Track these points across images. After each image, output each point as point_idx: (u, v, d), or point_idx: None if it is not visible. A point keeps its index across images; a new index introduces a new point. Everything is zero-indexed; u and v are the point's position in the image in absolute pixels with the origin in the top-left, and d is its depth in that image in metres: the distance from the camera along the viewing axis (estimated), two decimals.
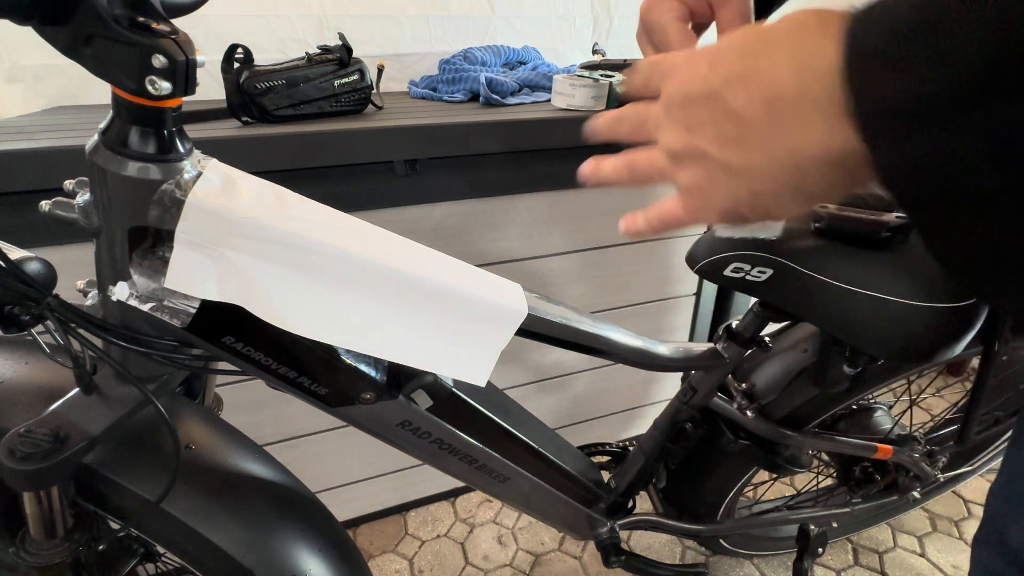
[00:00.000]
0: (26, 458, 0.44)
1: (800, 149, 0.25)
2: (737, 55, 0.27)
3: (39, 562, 0.50)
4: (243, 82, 0.91)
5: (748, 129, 0.26)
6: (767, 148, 0.26)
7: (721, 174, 0.28)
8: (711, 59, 0.28)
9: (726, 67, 0.27)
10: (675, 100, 0.30)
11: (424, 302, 0.47)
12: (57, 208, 0.42)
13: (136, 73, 0.36)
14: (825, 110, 0.23)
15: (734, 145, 0.27)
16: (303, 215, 0.44)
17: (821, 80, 0.23)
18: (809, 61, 0.24)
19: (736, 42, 0.28)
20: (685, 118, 0.29)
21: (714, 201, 0.30)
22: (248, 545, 0.54)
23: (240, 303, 0.41)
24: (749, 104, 0.26)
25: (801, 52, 0.24)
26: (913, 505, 1.26)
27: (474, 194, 1.04)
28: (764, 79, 0.25)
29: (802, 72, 0.24)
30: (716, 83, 0.27)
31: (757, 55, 0.26)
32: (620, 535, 0.91)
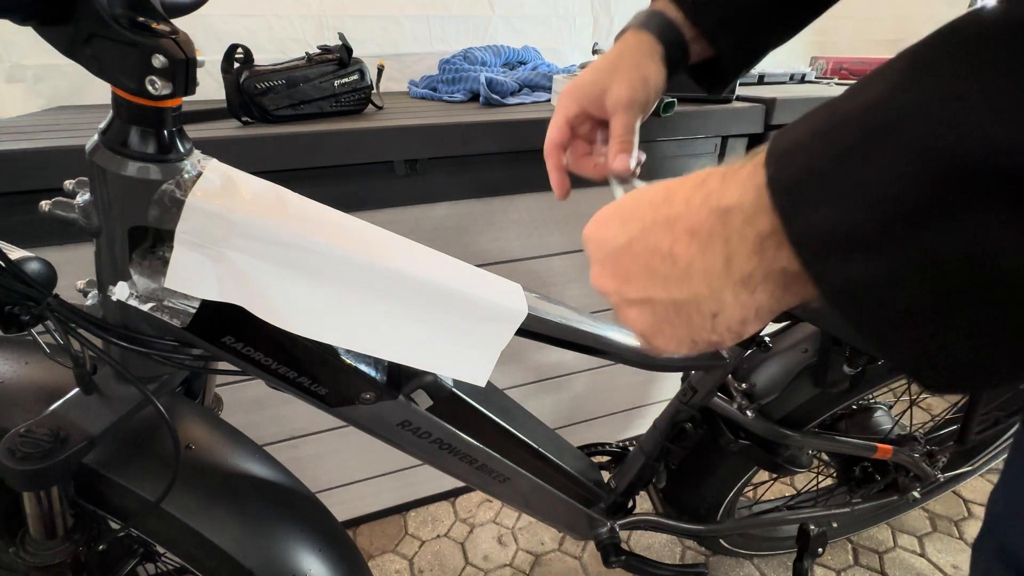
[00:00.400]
0: (26, 458, 0.44)
1: (736, 268, 0.26)
2: (648, 206, 0.30)
3: (39, 562, 0.50)
4: (243, 82, 0.91)
5: (682, 264, 0.28)
6: (703, 277, 0.28)
7: (671, 310, 0.30)
8: (621, 216, 0.31)
9: (640, 219, 0.30)
10: (601, 259, 0.33)
11: (424, 302, 0.47)
12: (57, 208, 0.42)
13: (136, 73, 0.36)
14: (754, 240, 0.25)
15: (674, 282, 0.29)
16: (303, 215, 0.44)
17: (744, 212, 0.25)
18: (722, 199, 0.26)
19: (643, 197, 0.31)
20: (616, 272, 0.32)
21: (671, 337, 0.31)
22: (248, 545, 0.54)
23: (240, 303, 0.41)
24: (676, 242, 0.28)
25: (711, 192, 0.26)
26: (913, 505, 1.26)
27: (474, 194, 1.04)
28: (685, 219, 0.27)
29: (719, 207, 0.26)
30: (635, 234, 0.30)
31: (669, 202, 0.29)
32: (620, 535, 0.91)
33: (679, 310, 0.29)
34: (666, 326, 0.31)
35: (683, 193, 0.28)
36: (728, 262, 0.26)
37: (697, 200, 0.27)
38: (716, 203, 0.26)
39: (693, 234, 0.27)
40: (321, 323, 0.44)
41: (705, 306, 0.28)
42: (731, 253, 0.26)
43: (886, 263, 0.21)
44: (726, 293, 0.27)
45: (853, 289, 0.22)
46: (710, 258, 0.27)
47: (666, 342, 0.32)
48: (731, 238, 0.26)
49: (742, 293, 0.27)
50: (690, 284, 0.28)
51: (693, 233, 0.27)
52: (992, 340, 0.21)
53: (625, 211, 0.31)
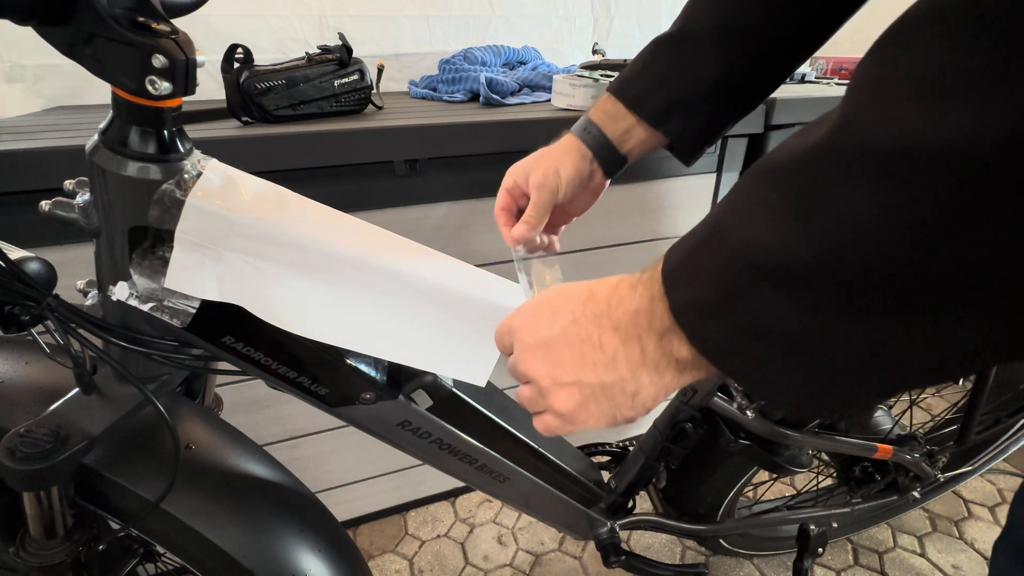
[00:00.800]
0: (26, 458, 0.44)
1: (650, 357, 0.33)
2: (576, 302, 0.35)
3: (39, 562, 0.50)
4: (243, 82, 0.91)
5: (609, 353, 0.34)
6: (627, 364, 0.33)
7: (599, 391, 0.35)
8: (551, 309, 0.37)
9: (571, 312, 0.35)
10: (533, 347, 0.37)
11: (423, 302, 0.47)
12: (57, 208, 0.42)
13: (136, 73, 0.36)
14: (659, 335, 0.32)
15: (603, 367, 0.34)
16: (303, 215, 0.44)
17: (648, 315, 0.32)
18: (632, 303, 0.33)
19: (569, 293, 0.36)
20: (549, 358, 0.36)
21: (595, 413, 0.36)
22: (248, 545, 0.54)
23: (240, 303, 0.41)
24: (603, 335, 0.34)
25: (624, 297, 0.33)
26: (913, 505, 1.26)
27: (474, 194, 1.04)
28: (608, 317, 0.34)
29: (631, 310, 0.33)
30: (567, 325, 0.35)
31: (595, 300, 0.35)
32: (620, 535, 0.91)
33: (605, 391, 0.35)
34: (592, 404, 0.36)
35: (604, 293, 0.35)
36: (643, 352, 0.33)
37: (615, 301, 0.34)
38: (628, 307, 0.33)
39: (616, 329, 0.33)
40: (321, 323, 0.44)
41: (628, 387, 0.34)
42: (644, 346, 0.32)
43: (725, 327, 0.28)
44: (643, 377, 0.33)
45: (714, 348, 0.29)
46: (630, 349, 0.33)
47: (589, 418, 0.36)
48: (642, 335, 0.32)
49: (655, 376, 0.33)
50: (616, 369, 0.34)
51: (616, 329, 0.33)
52: (803, 385, 0.27)
53: (554, 305, 0.37)
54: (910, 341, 0.24)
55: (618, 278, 0.35)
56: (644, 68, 0.59)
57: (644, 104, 0.59)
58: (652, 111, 0.59)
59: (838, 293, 0.24)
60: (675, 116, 0.59)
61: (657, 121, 0.59)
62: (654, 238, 1.25)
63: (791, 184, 0.25)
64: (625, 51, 1.63)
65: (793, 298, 0.25)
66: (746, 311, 0.26)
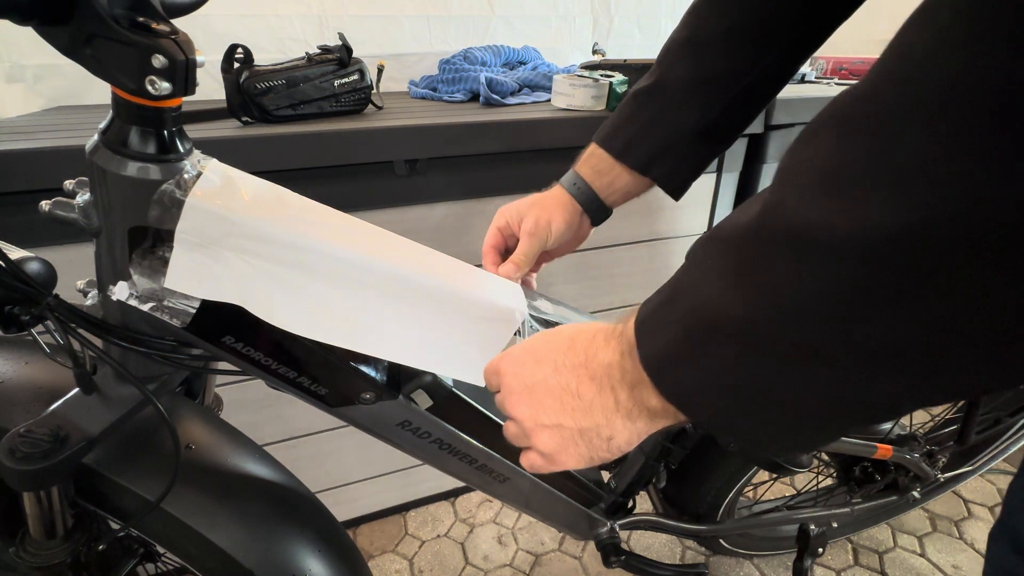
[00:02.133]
0: (26, 458, 0.44)
1: (623, 405, 0.36)
2: (557, 351, 0.38)
3: (39, 562, 0.50)
4: (243, 82, 0.91)
5: (586, 401, 0.36)
6: (602, 411, 0.36)
7: (576, 435, 0.38)
8: (535, 357, 0.39)
9: (552, 361, 0.38)
10: (518, 391, 0.40)
11: (423, 302, 0.47)
12: (57, 208, 0.42)
13: (136, 73, 0.36)
14: (631, 386, 0.35)
15: (580, 413, 0.37)
16: (303, 215, 0.44)
17: (621, 368, 0.35)
18: (606, 356, 0.36)
19: (551, 342, 0.39)
20: (532, 402, 0.39)
21: (574, 454, 0.39)
22: (248, 545, 0.54)
23: (240, 303, 0.41)
24: (581, 384, 0.37)
25: (599, 349, 0.36)
26: (913, 505, 1.26)
27: (474, 194, 1.04)
28: (586, 367, 0.37)
29: (605, 363, 0.36)
30: (549, 373, 0.38)
31: (574, 350, 0.38)
32: (620, 535, 0.91)
33: (583, 434, 0.38)
34: (571, 446, 0.38)
35: (583, 344, 0.37)
36: (617, 401, 0.36)
37: (591, 352, 0.37)
38: (603, 359, 0.36)
39: (592, 379, 0.36)
40: (320, 323, 0.44)
41: (603, 432, 0.37)
42: (617, 395, 0.35)
43: (687, 377, 0.31)
44: (617, 423, 0.36)
45: (679, 395, 0.32)
46: (605, 398, 0.36)
47: (569, 458, 0.39)
48: (615, 386, 0.35)
49: (628, 422, 0.36)
50: (592, 416, 0.37)
51: (592, 378, 0.36)
52: (755, 428, 0.31)
53: (538, 353, 0.40)
54: (840, 391, 0.27)
55: (595, 328, 0.38)
56: (628, 120, 0.63)
57: (630, 154, 0.63)
58: (639, 160, 0.63)
59: (774, 349, 0.27)
60: (661, 162, 0.62)
61: (644, 169, 0.63)
62: (654, 238, 1.25)
63: (730, 257, 0.29)
64: (625, 51, 1.63)
65: (739, 352, 0.28)
66: (704, 363, 0.30)
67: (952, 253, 0.21)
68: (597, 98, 1.08)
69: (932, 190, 0.21)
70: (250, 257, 0.41)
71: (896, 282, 0.23)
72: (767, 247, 0.27)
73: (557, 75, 1.12)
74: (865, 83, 0.24)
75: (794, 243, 0.25)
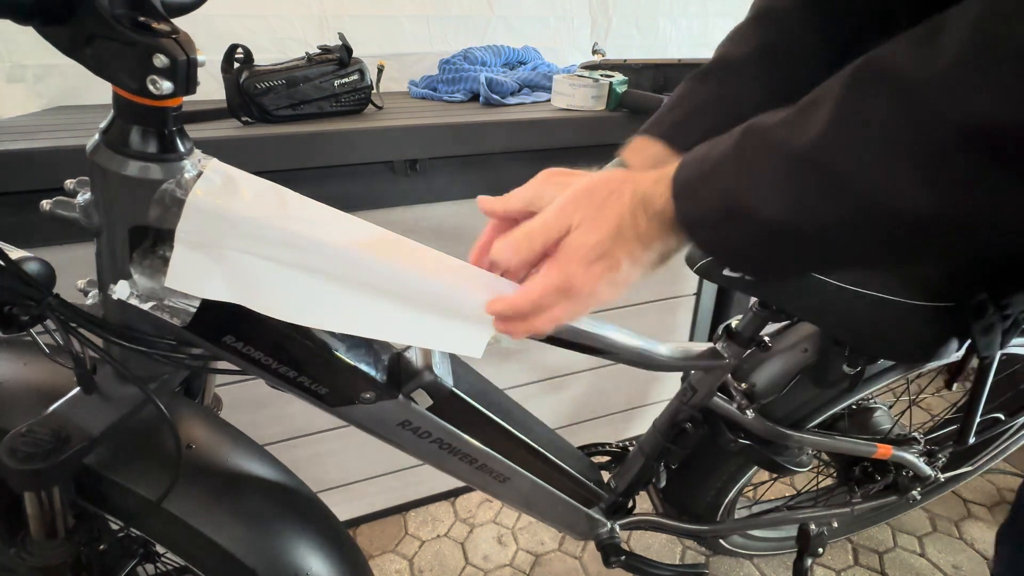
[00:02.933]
0: (27, 458, 0.44)
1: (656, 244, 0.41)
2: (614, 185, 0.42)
3: (39, 562, 0.50)
4: (243, 82, 0.91)
5: (647, 222, 0.40)
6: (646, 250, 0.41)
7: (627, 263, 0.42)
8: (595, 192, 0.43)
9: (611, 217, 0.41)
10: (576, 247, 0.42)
11: (424, 301, 0.47)
12: (58, 207, 0.42)
13: (137, 73, 0.36)
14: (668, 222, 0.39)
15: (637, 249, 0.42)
16: (304, 215, 0.44)
17: (664, 205, 0.39)
18: (655, 199, 0.40)
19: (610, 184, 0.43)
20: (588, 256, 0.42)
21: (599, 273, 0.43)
22: (249, 544, 0.54)
23: (241, 302, 0.41)
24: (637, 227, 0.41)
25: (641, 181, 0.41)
26: (913, 505, 1.26)
27: (474, 194, 1.03)
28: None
29: (652, 208, 0.40)
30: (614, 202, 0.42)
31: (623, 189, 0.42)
32: (620, 535, 0.91)
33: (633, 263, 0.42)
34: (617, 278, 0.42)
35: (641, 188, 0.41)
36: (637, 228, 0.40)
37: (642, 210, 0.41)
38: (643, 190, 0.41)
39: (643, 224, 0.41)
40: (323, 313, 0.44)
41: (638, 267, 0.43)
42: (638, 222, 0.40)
43: (712, 236, 0.37)
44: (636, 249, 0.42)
45: (701, 243, 0.38)
46: (649, 240, 0.41)
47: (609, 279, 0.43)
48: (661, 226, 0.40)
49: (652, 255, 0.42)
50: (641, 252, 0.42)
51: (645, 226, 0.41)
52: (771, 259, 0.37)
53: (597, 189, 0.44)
54: (826, 259, 0.36)
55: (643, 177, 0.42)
56: (676, 103, 0.58)
57: (679, 136, 0.56)
58: (687, 142, 0.55)
59: (791, 240, 0.33)
60: None
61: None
62: None
63: (780, 166, 0.32)
64: (623, 51, 1.63)
65: (763, 236, 0.34)
66: (724, 231, 0.36)
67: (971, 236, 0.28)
68: (597, 98, 1.08)
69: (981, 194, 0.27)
70: (251, 256, 0.41)
71: (916, 245, 0.30)
72: (815, 176, 0.31)
73: (557, 75, 1.12)
74: (940, 55, 0.26)
75: (841, 185, 0.30)
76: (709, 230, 0.37)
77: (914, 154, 0.27)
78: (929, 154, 0.27)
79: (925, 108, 0.27)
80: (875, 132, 0.28)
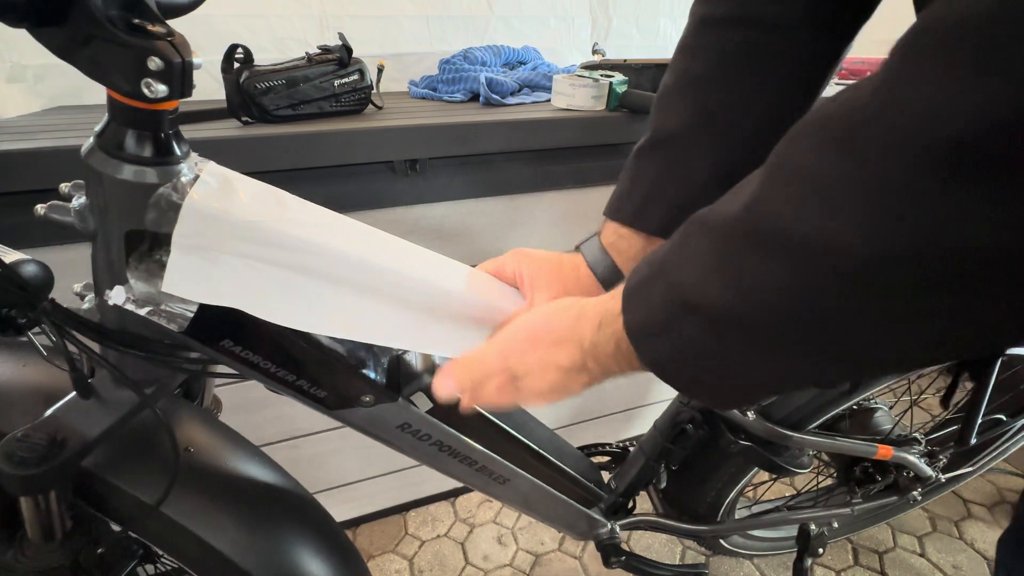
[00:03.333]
0: (23, 462, 0.44)
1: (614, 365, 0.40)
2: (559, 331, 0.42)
3: (37, 565, 0.50)
4: (243, 82, 0.91)
5: (599, 365, 0.40)
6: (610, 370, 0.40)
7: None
8: (537, 338, 0.43)
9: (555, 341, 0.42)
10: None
11: (423, 305, 0.47)
12: (53, 211, 0.41)
13: (131, 75, 0.35)
14: (623, 354, 0.38)
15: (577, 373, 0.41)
16: (301, 217, 0.44)
17: (614, 333, 0.38)
18: (609, 329, 0.38)
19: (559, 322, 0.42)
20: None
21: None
22: (247, 547, 0.54)
23: (238, 306, 0.41)
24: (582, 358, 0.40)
25: (590, 328, 0.40)
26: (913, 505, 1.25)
27: (474, 194, 1.03)
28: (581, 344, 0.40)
29: (607, 333, 0.38)
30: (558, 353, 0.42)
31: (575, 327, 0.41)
32: (620, 535, 0.91)
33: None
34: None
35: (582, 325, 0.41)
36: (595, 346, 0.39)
37: (594, 335, 0.40)
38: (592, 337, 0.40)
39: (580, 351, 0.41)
40: (321, 318, 0.44)
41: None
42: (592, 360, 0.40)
43: (663, 345, 0.34)
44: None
45: (654, 361, 0.35)
46: (613, 363, 0.40)
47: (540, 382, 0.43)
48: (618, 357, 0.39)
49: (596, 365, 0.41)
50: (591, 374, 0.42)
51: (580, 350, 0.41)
52: (717, 387, 0.35)
53: (540, 333, 0.44)
54: (794, 369, 0.31)
55: (583, 305, 0.42)
56: (632, 182, 0.57)
57: (644, 219, 0.56)
58: (653, 223, 0.55)
59: (741, 332, 0.30)
60: (672, 226, 0.56)
61: (664, 231, 0.55)
62: None
63: (716, 244, 0.31)
64: (623, 51, 1.63)
65: (711, 330, 0.31)
66: (678, 337, 0.33)
67: (923, 280, 0.24)
68: (597, 98, 1.08)
69: (918, 221, 0.23)
70: (248, 260, 0.41)
71: (863, 299, 0.25)
72: (748, 242, 0.29)
73: (557, 75, 1.12)
74: (861, 92, 0.25)
75: (774, 245, 0.28)
76: (661, 342, 0.34)
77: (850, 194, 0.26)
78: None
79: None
80: (806, 183, 0.27)
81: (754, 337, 0.30)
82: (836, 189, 0.25)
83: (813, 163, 0.26)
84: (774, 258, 0.28)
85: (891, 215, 0.23)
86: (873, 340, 0.27)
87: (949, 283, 0.23)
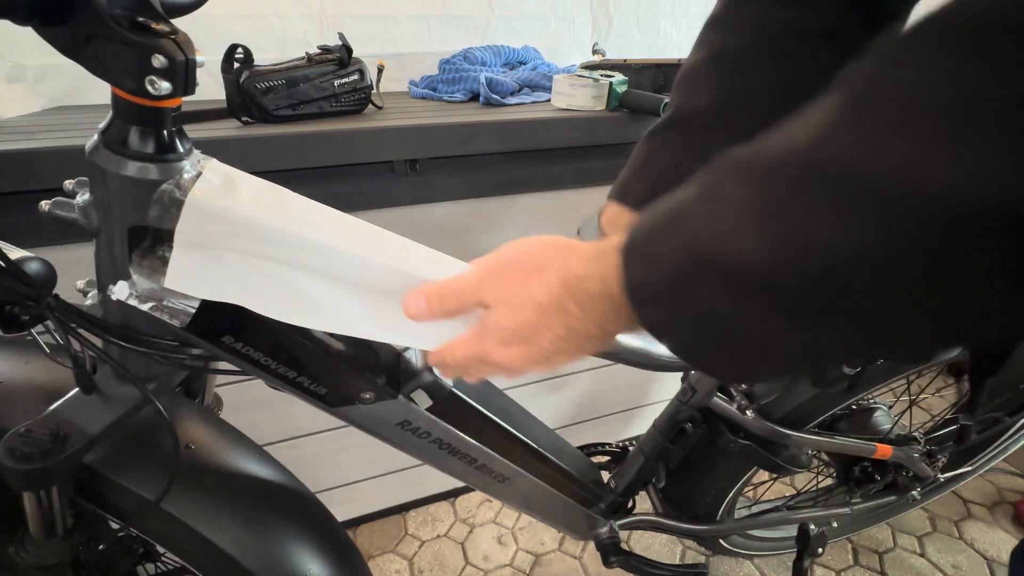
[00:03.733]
0: (26, 458, 0.44)
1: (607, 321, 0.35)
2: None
3: (39, 561, 0.50)
4: (243, 82, 0.91)
5: (581, 310, 0.35)
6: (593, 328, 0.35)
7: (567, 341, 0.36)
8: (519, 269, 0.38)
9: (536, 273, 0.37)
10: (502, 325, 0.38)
11: None
12: (57, 208, 0.42)
13: (136, 73, 0.36)
14: (615, 303, 0.33)
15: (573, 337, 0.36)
16: (303, 215, 0.44)
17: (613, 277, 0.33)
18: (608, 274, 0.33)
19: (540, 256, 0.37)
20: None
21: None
22: (248, 545, 0.54)
23: (240, 303, 0.41)
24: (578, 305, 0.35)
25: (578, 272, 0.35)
26: (913, 505, 1.26)
27: (474, 194, 1.04)
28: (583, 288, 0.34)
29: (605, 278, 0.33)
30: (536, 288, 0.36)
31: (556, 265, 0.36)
32: (620, 535, 0.91)
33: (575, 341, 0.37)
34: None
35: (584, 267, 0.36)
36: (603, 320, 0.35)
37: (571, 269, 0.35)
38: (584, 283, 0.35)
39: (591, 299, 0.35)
40: (323, 314, 0.44)
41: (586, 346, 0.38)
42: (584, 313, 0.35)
43: (667, 307, 0.30)
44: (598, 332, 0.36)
45: (658, 327, 0.31)
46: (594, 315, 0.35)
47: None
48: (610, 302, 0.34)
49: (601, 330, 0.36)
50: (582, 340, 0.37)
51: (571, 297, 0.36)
52: (727, 359, 0.30)
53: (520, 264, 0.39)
54: (813, 343, 0.26)
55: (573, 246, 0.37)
56: (644, 164, 0.53)
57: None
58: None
59: (782, 303, 0.25)
60: None
61: None
62: None
63: (760, 191, 0.25)
64: (624, 51, 1.63)
65: (732, 293, 0.26)
66: (691, 296, 0.28)
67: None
68: (597, 98, 1.08)
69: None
70: (250, 257, 0.41)
71: (967, 260, 0.19)
72: (810, 187, 0.23)
73: (557, 75, 1.12)
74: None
75: (851, 191, 0.21)
76: (668, 304, 0.30)
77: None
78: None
79: None
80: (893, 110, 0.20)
81: (784, 304, 0.25)
82: (962, 113, 0.18)
83: (925, 78, 0.19)
84: (850, 208, 0.21)
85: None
86: (939, 314, 0.22)
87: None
